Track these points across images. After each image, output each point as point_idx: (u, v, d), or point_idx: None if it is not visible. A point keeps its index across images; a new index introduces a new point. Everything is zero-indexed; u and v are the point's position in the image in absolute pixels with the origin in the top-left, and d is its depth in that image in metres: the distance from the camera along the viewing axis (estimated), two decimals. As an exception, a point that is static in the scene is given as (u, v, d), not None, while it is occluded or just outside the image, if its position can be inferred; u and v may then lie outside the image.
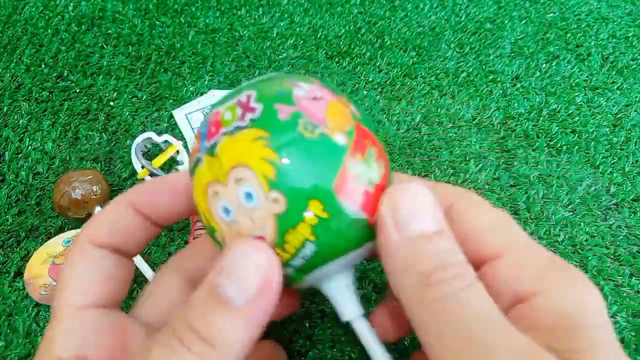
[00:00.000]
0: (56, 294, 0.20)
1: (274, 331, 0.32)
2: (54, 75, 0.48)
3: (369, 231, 0.19)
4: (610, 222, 0.39)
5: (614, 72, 0.50)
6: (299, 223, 0.18)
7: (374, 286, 0.34)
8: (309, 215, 0.18)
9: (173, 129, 0.44)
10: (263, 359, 0.25)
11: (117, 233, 0.21)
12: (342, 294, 0.21)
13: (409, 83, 0.49)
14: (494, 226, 0.20)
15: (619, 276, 0.36)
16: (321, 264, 0.19)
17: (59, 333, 0.19)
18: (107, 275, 0.21)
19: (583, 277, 0.18)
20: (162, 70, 0.49)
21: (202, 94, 0.47)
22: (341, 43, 0.52)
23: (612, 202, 0.40)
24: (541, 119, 0.46)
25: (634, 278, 0.36)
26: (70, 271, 0.20)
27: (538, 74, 0.50)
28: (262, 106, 0.18)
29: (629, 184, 0.41)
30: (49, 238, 0.36)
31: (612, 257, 0.37)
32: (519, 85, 0.49)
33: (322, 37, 0.53)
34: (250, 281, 0.17)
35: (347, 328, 0.32)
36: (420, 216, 0.18)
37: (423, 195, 0.18)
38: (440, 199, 0.19)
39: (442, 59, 0.51)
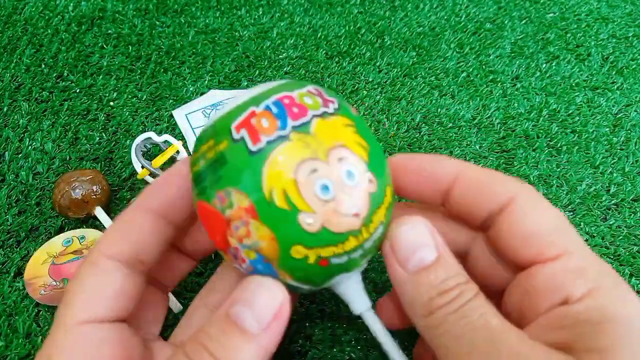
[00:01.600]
0: (61, 306, 0.20)
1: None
2: (54, 75, 0.48)
3: None
4: (610, 222, 0.39)
5: (614, 72, 0.50)
6: (380, 205, 0.20)
7: (374, 285, 0.34)
8: (388, 199, 0.21)
9: (173, 129, 0.44)
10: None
11: (132, 245, 0.21)
12: (355, 288, 0.22)
13: (409, 83, 0.49)
14: (554, 227, 0.20)
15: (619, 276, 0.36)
16: (377, 251, 0.22)
17: (58, 348, 0.19)
18: (117, 290, 0.20)
19: (633, 294, 0.19)
20: (162, 70, 0.49)
21: (202, 94, 0.47)
22: (341, 43, 0.52)
23: (612, 202, 0.40)
24: (541, 119, 0.46)
25: (634, 278, 0.36)
26: (77, 284, 0.20)
27: (538, 74, 0.50)
28: (337, 100, 0.22)
29: (629, 184, 0.41)
30: (49, 238, 0.36)
31: (612, 257, 0.37)
32: (519, 85, 0.49)
33: (322, 37, 0.53)
34: (266, 311, 0.18)
35: (347, 328, 0.32)
36: (418, 249, 0.20)
37: (420, 226, 0.20)
38: (499, 190, 0.20)
39: (442, 59, 0.51)
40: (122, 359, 0.20)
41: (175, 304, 0.32)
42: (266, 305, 0.18)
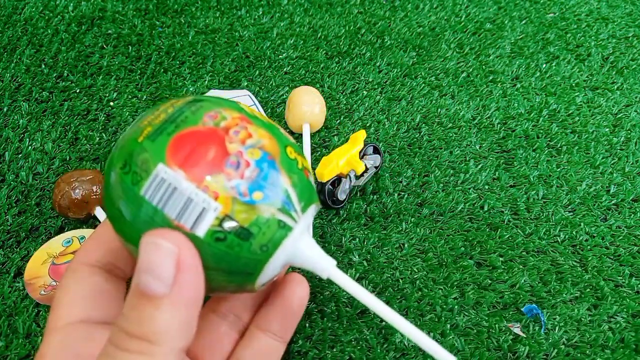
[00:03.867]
0: (49, 312, 0.21)
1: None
2: (54, 75, 0.48)
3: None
4: (610, 222, 0.39)
5: (614, 72, 0.50)
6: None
7: (374, 286, 0.34)
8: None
9: (173, 129, 0.44)
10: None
11: (108, 253, 0.22)
12: (317, 249, 0.22)
13: (409, 83, 0.49)
14: None
15: (619, 276, 0.36)
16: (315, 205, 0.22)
17: (49, 348, 0.20)
18: (97, 292, 0.21)
19: None
20: (162, 70, 0.49)
21: (202, 94, 0.47)
22: (341, 43, 0.52)
23: (612, 202, 0.40)
24: (541, 119, 0.46)
25: (634, 278, 0.36)
26: (61, 290, 0.21)
27: (538, 74, 0.50)
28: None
29: (629, 184, 0.41)
30: (49, 238, 0.36)
31: (612, 257, 0.37)
32: (519, 85, 0.49)
33: (322, 37, 0.53)
34: (164, 268, 0.17)
35: (347, 328, 0.32)
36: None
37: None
38: None
39: (442, 59, 0.51)
40: None
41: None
42: (162, 261, 0.17)
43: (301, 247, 0.21)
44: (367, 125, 0.45)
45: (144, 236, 0.18)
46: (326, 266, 0.22)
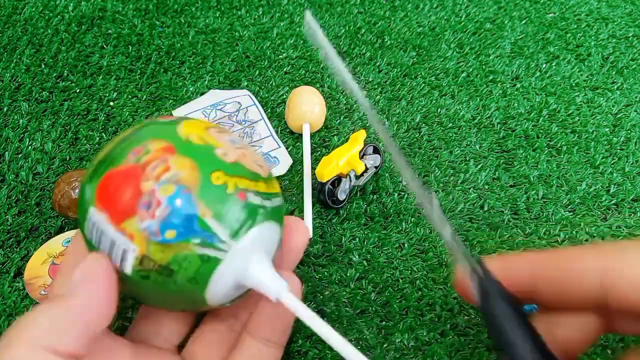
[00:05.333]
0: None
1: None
2: (54, 75, 0.48)
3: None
4: (611, 222, 0.39)
5: (614, 72, 0.50)
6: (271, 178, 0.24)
7: (374, 286, 0.34)
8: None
9: (173, 129, 0.44)
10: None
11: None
12: (268, 270, 0.22)
13: (409, 83, 0.49)
14: None
15: (619, 276, 0.36)
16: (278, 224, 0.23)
17: None
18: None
19: None
20: (162, 70, 0.49)
21: (202, 94, 0.47)
22: (341, 43, 0.52)
23: (612, 202, 0.40)
24: (541, 119, 0.46)
25: (634, 278, 0.36)
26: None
27: (538, 74, 0.50)
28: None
29: (629, 184, 0.41)
30: (49, 238, 0.37)
31: (612, 257, 0.37)
32: (518, 85, 0.49)
33: (322, 37, 0.53)
34: (73, 276, 0.19)
35: (347, 328, 0.32)
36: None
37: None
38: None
39: (442, 59, 0.51)
40: None
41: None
42: (68, 269, 0.19)
43: (250, 271, 0.21)
44: (367, 125, 0.45)
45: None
46: (275, 289, 0.21)
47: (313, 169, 0.40)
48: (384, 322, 0.33)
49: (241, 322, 0.25)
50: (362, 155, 0.40)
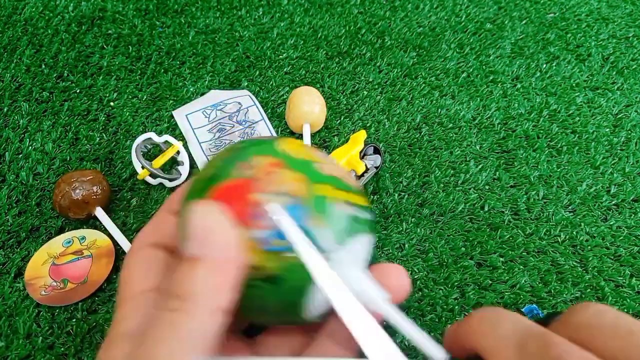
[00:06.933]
0: (120, 288, 0.22)
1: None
2: (54, 75, 0.48)
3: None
4: (611, 223, 0.39)
5: (614, 73, 0.50)
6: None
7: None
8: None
9: (173, 129, 0.44)
10: None
11: (167, 236, 0.23)
12: (362, 287, 0.22)
13: (409, 83, 0.49)
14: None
15: (620, 277, 0.36)
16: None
17: (124, 314, 0.20)
18: (165, 265, 0.22)
19: None
20: (162, 70, 0.49)
21: (202, 95, 0.47)
22: (341, 43, 0.52)
23: (613, 202, 0.40)
24: (541, 119, 0.46)
25: (634, 279, 0.36)
26: (129, 266, 0.22)
27: (538, 74, 0.50)
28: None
29: (629, 185, 0.41)
30: (49, 238, 0.36)
31: (612, 257, 0.37)
32: (519, 85, 0.49)
33: (322, 37, 0.53)
34: (198, 232, 0.19)
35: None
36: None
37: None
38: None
39: (443, 59, 0.51)
40: None
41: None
42: (198, 224, 0.19)
43: (352, 280, 0.21)
44: (368, 125, 0.45)
45: (190, 210, 0.19)
46: (375, 299, 0.21)
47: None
48: (384, 322, 0.33)
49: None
50: (363, 155, 0.40)
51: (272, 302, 0.20)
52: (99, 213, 0.37)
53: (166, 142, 0.41)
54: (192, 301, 0.18)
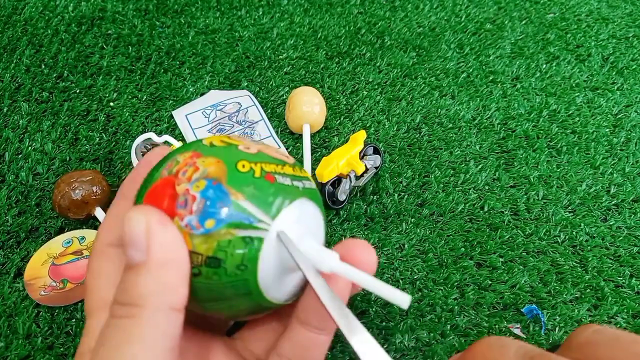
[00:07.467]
0: (86, 297, 0.21)
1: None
2: (54, 75, 0.48)
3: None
4: (611, 223, 0.39)
5: (614, 73, 0.50)
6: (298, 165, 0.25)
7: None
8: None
9: (173, 129, 0.44)
10: None
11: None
12: (311, 248, 0.22)
13: (409, 83, 0.49)
14: None
15: (620, 277, 0.36)
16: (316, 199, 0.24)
17: (89, 328, 0.20)
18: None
19: None
20: (162, 70, 0.49)
21: (202, 95, 0.47)
22: (341, 43, 0.52)
23: (612, 202, 0.40)
24: (541, 119, 0.46)
25: (634, 279, 0.36)
26: (93, 274, 0.22)
27: (538, 74, 0.50)
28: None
29: (629, 185, 0.41)
30: (49, 239, 0.36)
31: (612, 257, 0.37)
32: (519, 85, 0.49)
33: (322, 37, 0.53)
34: (138, 237, 0.19)
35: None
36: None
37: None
38: None
39: (442, 59, 0.51)
40: None
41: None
42: (134, 231, 0.19)
43: (295, 246, 0.21)
44: (367, 125, 0.45)
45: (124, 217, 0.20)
46: (327, 260, 0.21)
47: (313, 169, 0.40)
48: (384, 323, 0.33)
49: (290, 309, 0.25)
50: (362, 155, 0.40)
51: (222, 286, 0.20)
52: (99, 213, 0.37)
53: (166, 142, 0.41)
54: (142, 306, 0.18)
